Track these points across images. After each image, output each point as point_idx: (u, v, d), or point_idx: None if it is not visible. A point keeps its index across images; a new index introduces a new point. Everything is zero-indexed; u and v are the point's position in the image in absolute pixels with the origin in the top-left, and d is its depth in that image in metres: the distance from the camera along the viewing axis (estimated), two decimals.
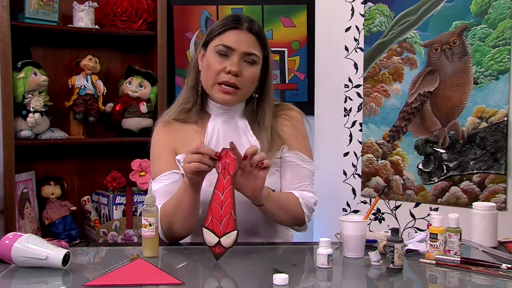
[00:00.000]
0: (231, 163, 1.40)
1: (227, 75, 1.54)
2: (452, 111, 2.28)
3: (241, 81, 1.56)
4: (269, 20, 2.95)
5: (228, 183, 1.39)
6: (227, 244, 1.37)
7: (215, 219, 1.37)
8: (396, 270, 1.30)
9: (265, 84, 1.64)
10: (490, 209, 1.57)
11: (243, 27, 1.56)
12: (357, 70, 2.55)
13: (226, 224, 1.37)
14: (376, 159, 2.50)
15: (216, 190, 1.39)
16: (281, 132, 1.66)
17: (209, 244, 1.37)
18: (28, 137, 2.49)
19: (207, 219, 1.38)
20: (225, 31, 1.56)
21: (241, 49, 1.55)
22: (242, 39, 1.55)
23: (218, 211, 1.37)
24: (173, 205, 1.52)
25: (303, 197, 1.62)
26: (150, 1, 2.77)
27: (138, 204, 2.70)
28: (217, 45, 1.56)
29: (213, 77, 1.56)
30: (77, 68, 2.66)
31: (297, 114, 1.72)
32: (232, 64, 1.54)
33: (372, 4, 2.49)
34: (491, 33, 2.17)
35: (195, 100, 1.65)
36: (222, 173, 1.40)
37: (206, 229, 1.37)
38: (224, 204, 1.37)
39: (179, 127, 1.66)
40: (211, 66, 1.56)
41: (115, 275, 1.27)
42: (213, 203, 1.38)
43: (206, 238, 1.37)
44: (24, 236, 1.34)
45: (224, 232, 1.37)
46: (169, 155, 1.63)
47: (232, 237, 1.37)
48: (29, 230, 2.51)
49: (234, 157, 1.41)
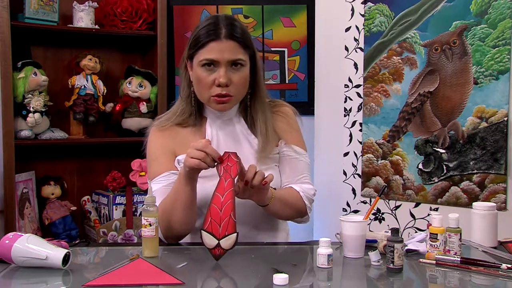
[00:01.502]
0: (233, 166, 1.41)
1: (218, 88, 1.56)
2: (452, 111, 2.28)
3: (232, 88, 1.58)
4: (269, 20, 2.95)
5: (229, 186, 1.39)
6: (227, 246, 1.37)
7: (214, 221, 1.37)
8: (396, 270, 1.30)
9: (255, 81, 1.66)
10: (490, 209, 1.57)
11: (221, 36, 1.55)
12: (357, 70, 2.55)
13: (225, 227, 1.37)
14: (376, 159, 2.50)
15: (216, 193, 1.39)
16: (276, 128, 1.69)
17: (208, 246, 1.37)
18: (28, 137, 2.49)
19: (206, 222, 1.37)
20: (206, 44, 1.56)
21: (225, 59, 1.55)
22: (224, 49, 1.55)
23: (218, 213, 1.37)
24: (170, 200, 1.53)
25: (303, 190, 1.66)
26: (150, 1, 2.77)
27: (138, 204, 2.70)
28: (201, 59, 1.56)
29: (206, 91, 1.58)
30: (77, 68, 2.66)
31: (289, 110, 1.76)
32: (220, 76, 1.55)
33: (372, 4, 2.49)
34: (491, 33, 2.17)
35: (191, 110, 1.67)
36: (224, 176, 1.40)
37: (205, 232, 1.37)
38: (224, 206, 1.37)
39: (176, 129, 1.67)
40: (201, 81, 1.58)
41: (115, 275, 1.27)
42: (213, 206, 1.38)
43: (206, 241, 1.37)
44: (24, 236, 1.34)
45: (223, 234, 1.36)
46: (167, 156, 1.64)
47: (232, 239, 1.37)
48: (29, 230, 2.51)
49: (236, 160, 1.41)
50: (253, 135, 1.66)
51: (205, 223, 1.37)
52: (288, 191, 1.65)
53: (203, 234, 1.37)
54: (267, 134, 1.64)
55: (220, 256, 1.37)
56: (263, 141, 1.63)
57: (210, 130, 1.66)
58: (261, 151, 1.62)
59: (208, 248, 1.37)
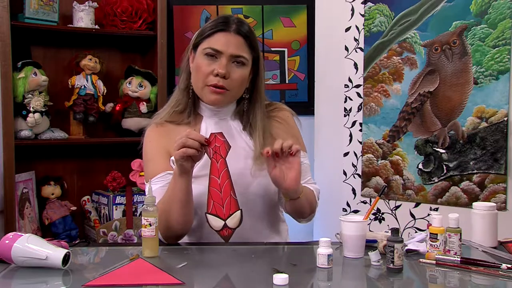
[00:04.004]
0: (221, 146, 1.43)
1: (216, 78, 1.57)
2: (452, 111, 2.28)
3: (229, 83, 1.58)
4: (269, 20, 2.95)
5: (222, 166, 1.41)
6: (233, 225, 1.39)
7: (217, 203, 1.39)
8: (396, 270, 1.30)
9: (255, 85, 1.66)
10: (490, 209, 1.57)
11: (231, 29, 1.57)
12: (357, 70, 2.55)
13: (228, 206, 1.39)
14: (376, 159, 2.50)
15: (212, 175, 1.41)
16: (275, 134, 1.68)
17: (215, 228, 1.39)
18: (28, 137, 2.49)
19: (209, 205, 1.40)
20: (213, 33, 1.58)
21: (228, 52, 1.56)
22: (230, 42, 1.57)
23: (218, 195, 1.39)
24: (167, 200, 1.53)
25: (315, 189, 1.70)
26: (150, 1, 2.77)
27: (138, 204, 2.70)
28: (206, 47, 1.58)
29: (202, 79, 1.59)
30: (77, 68, 2.66)
31: (287, 114, 1.76)
32: (220, 66, 1.56)
33: (372, 4, 2.49)
34: (491, 33, 2.17)
35: (187, 102, 1.67)
36: (215, 158, 1.42)
37: (210, 215, 1.39)
38: (223, 187, 1.40)
39: (172, 128, 1.67)
40: (200, 68, 1.59)
41: (115, 275, 1.27)
42: (212, 189, 1.40)
43: (212, 223, 1.39)
44: (24, 236, 1.34)
45: (228, 214, 1.39)
46: (163, 156, 1.64)
47: (237, 217, 1.39)
48: (29, 230, 2.51)
49: (223, 139, 1.42)
50: (249, 136, 1.66)
51: (208, 207, 1.40)
52: (307, 189, 1.65)
53: (209, 217, 1.39)
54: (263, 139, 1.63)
55: (229, 237, 1.39)
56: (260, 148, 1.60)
57: (205, 128, 1.66)
58: (257, 158, 1.60)
59: (217, 231, 1.39)
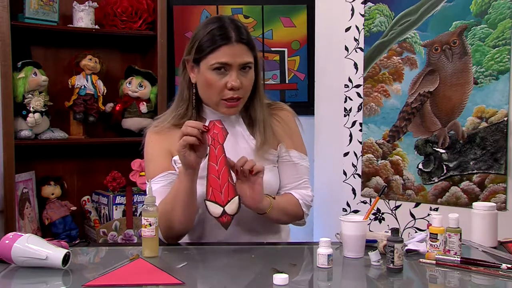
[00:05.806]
0: (219, 133, 1.45)
1: (230, 92, 1.57)
2: (452, 111, 2.28)
3: (242, 91, 1.59)
4: (269, 20, 2.95)
5: (219, 152, 1.44)
6: (232, 211, 1.42)
7: (215, 190, 1.42)
8: (396, 270, 1.30)
9: (255, 81, 1.66)
10: (490, 209, 1.57)
11: (233, 40, 1.56)
12: (357, 70, 2.55)
13: (226, 192, 1.42)
14: (376, 159, 2.50)
15: (210, 162, 1.44)
16: (275, 132, 1.70)
17: (214, 215, 1.42)
18: (28, 137, 2.49)
19: (208, 192, 1.43)
20: (217, 48, 1.56)
21: (237, 62, 1.56)
22: (235, 53, 1.56)
23: (216, 181, 1.42)
24: (170, 200, 1.53)
25: (302, 197, 1.69)
26: (150, 1, 2.77)
27: (138, 204, 2.70)
28: (213, 63, 1.56)
29: (216, 94, 1.59)
30: (77, 68, 2.66)
31: (288, 114, 1.76)
32: (233, 79, 1.56)
33: (372, 4, 2.49)
34: (491, 33, 2.17)
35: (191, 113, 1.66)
36: (213, 144, 1.44)
37: (209, 201, 1.42)
38: (220, 174, 1.43)
39: (173, 130, 1.66)
40: (212, 84, 1.58)
41: (115, 275, 1.27)
42: (210, 176, 1.43)
43: (211, 210, 1.42)
44: (24, 236, 1.34)
45: (226, 200, 1.42)
46: (164, 156, 1.64)
47: (235, 203, 1.42)
48: (29, 230, 2.51)
49: (221, 126, 1.45)
50: (252, 136, 1.67)
51: (207, 194, 1.43)
52: (287, 199, 1.67)
53: (208, 204, 1.42)
54: (265, 133, 1.65)
55: (228, 224, 1.42)
56: (261, 140, 1.64)
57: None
58: (258, 149, 1.63)
59: (216, 217, 1.41)
